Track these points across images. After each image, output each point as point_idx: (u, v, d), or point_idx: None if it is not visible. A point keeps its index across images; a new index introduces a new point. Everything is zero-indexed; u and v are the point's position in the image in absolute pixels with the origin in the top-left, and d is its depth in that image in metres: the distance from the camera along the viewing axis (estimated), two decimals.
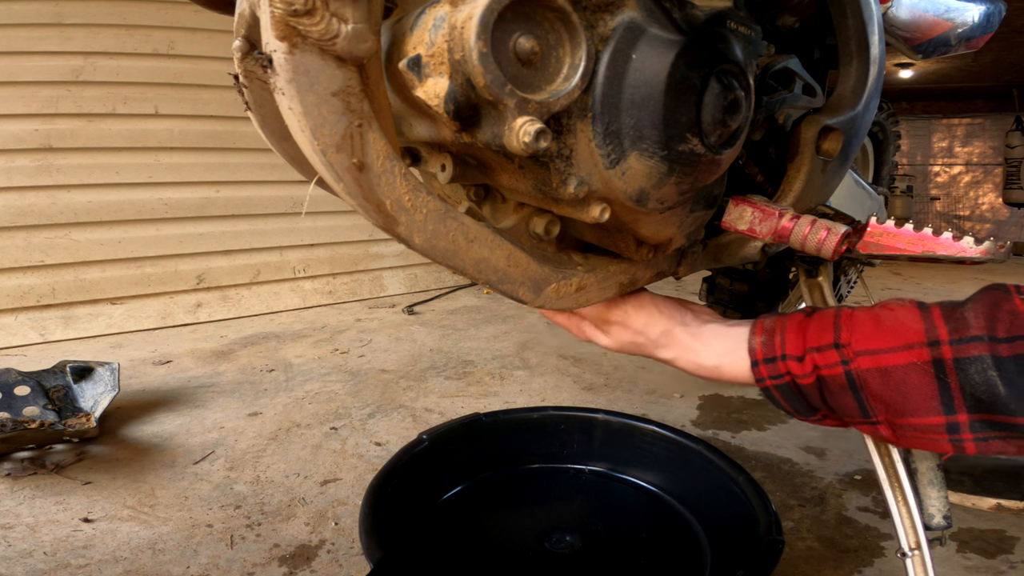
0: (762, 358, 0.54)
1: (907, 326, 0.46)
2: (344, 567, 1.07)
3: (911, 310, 0.47)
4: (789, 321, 0.54)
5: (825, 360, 0.49)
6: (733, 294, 1.65)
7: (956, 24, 1.42)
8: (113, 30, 2.47)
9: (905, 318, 0.47)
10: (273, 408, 1.75)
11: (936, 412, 0.45)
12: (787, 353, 0.52)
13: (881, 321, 0.48)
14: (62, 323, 2.44)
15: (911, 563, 0.76)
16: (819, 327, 0.51)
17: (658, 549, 0.92)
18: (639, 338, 0.62)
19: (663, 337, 0.61)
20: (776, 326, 0.54)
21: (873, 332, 0.48)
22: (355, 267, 3.17)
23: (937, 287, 3.59)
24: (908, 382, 0.45)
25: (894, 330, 0.47)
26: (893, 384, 0.46)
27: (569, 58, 0.42)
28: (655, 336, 0.61)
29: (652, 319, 0.61)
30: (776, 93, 0.68)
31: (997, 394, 0.41)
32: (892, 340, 0.46)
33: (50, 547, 1.11)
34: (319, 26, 0.35)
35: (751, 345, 0.55)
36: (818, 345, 0.50)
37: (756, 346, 0.55)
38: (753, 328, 0.56)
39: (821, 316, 0.52)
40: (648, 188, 0.48)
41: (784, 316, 0.55)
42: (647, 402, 1.79)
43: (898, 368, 0.46)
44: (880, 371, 0.46)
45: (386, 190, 0.41)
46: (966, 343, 0.42)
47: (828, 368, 0.49)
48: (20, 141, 2.33)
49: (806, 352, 0.51)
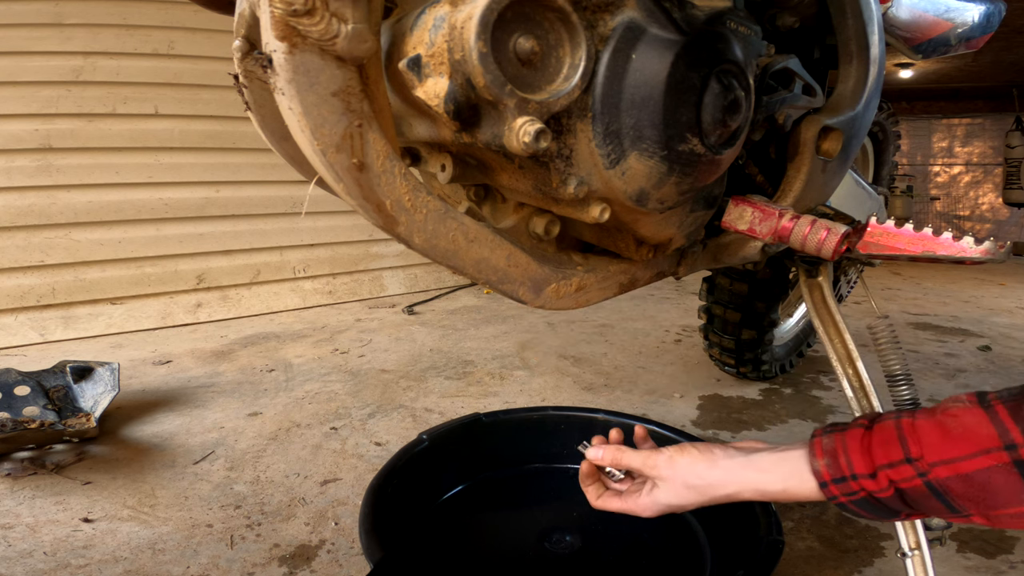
0: (830, 479, 0.53)
1: (977, 432, 0.46)
2: (344, 567, 1.07)
3: (975, 412, 0.47)
4: (850, 440, 0.53)
5: (900, 475, 0.50)
6: (733, 294, 1.65)
7: (956, 24, 1.42)
8: (113, 30, 2.47)
9: (972, 424, 0.47)
10: (273, 408, 1.75)
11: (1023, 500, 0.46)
12: (857, 473, 0.52)
13: (948, 430, 0.48)
14: (62, 323, 2.44)
15: (911, 563, 0.76)
16: (883, 442, 0.51)
17: (658, 549, 0.92)
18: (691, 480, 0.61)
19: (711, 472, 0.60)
20: (837, 446, 0.53)
21: (942, 442, 0.48)
22: (355, 267, 3.17)
23: (937, 287, 3.59)
24: (992, 482, 0.46)
25: (964, 438, 0.47)
26: (978, 486, 0.47)
27: (569, 58, 0.42)
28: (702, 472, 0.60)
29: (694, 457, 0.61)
30: (776, 93, 0.68)
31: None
32: (965, 448, 0.47)
33: (50, 547, 1.11)
34: (319, 26, 0.35)
35: (815, 468, 0.54)
36: (889, 462, 0.50)
37: (821, 469, 0.54)
38: (812, 450, 0.55)
39: (882, 430, 0.52)
40: (648, 188, 0.48)
41: (842, 432, 0.54)
42: (647, 402, 1.79)
43: (980, 472, 0.46)
44: (961, 477, 0.47)
45: (386, 190, 0.42)
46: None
47: (906, 482, 0.50)
48: (20, 141, 2.33)
49: (877, 470, 0.51)
